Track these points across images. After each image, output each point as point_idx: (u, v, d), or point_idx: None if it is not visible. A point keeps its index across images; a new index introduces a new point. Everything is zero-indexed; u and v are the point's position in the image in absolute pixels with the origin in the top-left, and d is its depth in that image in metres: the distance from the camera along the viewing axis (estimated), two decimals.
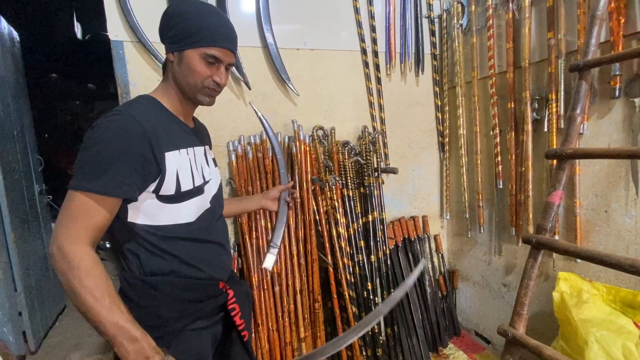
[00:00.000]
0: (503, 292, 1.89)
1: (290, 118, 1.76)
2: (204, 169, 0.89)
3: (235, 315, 0.93)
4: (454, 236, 2.22)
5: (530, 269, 0.95)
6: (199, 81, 0.81)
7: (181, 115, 0.88)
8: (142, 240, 0.80)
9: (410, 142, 2.08)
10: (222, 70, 0.83)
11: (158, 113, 0.82)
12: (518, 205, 1.67)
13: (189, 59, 0.80)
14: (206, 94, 0.84)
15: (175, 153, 0.80)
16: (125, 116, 0.74)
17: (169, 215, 0.81)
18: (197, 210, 0.86)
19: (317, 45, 1.82)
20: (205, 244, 0.88)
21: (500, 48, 1.70)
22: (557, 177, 0.96)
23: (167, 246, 0.81)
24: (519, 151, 1.64)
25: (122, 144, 0.71)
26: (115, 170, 0.70)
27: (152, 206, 0.79)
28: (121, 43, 1.54)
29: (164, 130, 0.79)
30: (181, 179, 0.80)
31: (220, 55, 0.81)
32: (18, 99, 2.02)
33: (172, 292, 0.82)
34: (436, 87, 2.06)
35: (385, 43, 1.92)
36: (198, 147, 0.90)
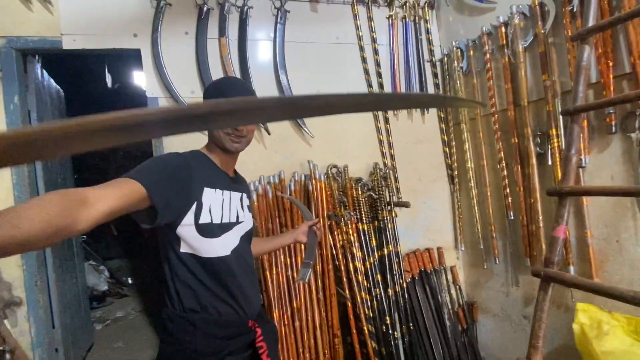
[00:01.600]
0: (524, 324, 1.87)
1: (306, 158, 1.90)
2: (238, 211, 1.03)
3: (263, 354, 0.99)
4: (470, 267, 2.23)
5: (541, 301, 0.99)
6: (221, 132, 0.98)
7: (222, 165, 1.04)
8: (184, 270, 0.92)
9: (420, 176, 2.17)
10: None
11: (204, 161, 1.00)
12: (530, 236, 1.71)
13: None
14: (230, 141, 0.99)
15: (211, 190, 0.95)
16: (178, 154, 0.96)
17: (206, 248, 0.92)
18: (229, 245, 0.98)
19: (329, 90, 1.98)
20: (236, 281, 0.97)
21: (499, 88, 1.82)
22: (560, 213, 1.03)
23: (203, 277, 0.92)
24: (527, 183, 1.70)
25: (170, 166, 0.87)
26: (156, 176, 0.80)
27: (193, 238, 0.91)
28: (156, 99, 1.75)
29: (206, 173, 0.96)
30: (213, 212, 0.94)
31: None
32: None
33: (206, 328, 0.92)
34: (442, 124, 2.18)
35: (391, 86, 2.08)
36: (235, 192, 1.04)
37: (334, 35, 2.02)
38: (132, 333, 2.61)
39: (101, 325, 2.84)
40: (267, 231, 1.78)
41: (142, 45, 1.74)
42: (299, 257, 1.77)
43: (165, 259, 0.94)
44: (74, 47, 1.67)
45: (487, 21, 1.83)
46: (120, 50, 1.74)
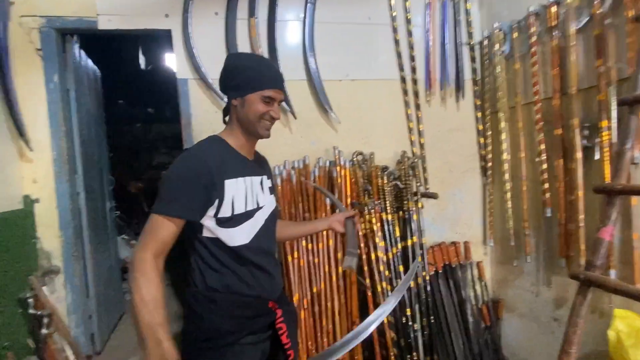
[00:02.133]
0: (553, 327, 1.78)
1: (332, 144, 1.86)
2: (258, 196, 1.02)
3: (282, 335, 1.01)
4: (498, 264, 2.14)
5: (579, 306, 0.93)
6: (258, 117, 0.97)
7: (243, 149, 1.02)
8: (207, 254, 0.94)
9: (451, 167, 2.08)
10: (276, 106, 1.00)
11: (222, 149, 0.98)
12: (568, 235, 1.60)
13: (250, 101, 0.96)
14: (264, 127, 0.99)
15: (233, 181, 0.94)
16: (193, 155, 0.95)
17: (225, 237, 0.93)
18: (249, 233, 0.97)
19: (358, 75, 1.92)
20: (257, 265, 0.98)
21: (545, 74, 1.68)
22: (607, 213, 0.94)
23: (225, 260, 0.94)
24: (568, 179, 1.58)
25: (188, 179, 0.89)
26: (182, 197, 0.87)
27: (213, 228, 0.93)
28: (186, 80, 1.76)
29: (226, 163, 0.95)
30: (235, 203, 0.94)
31: (275, 94, 0.98)
32: (98, 126, 2.35)
33: (228, 307, 0.94)
34: (478, 112, 2.06)
35: (425, 70, 1.97)
36: (255, 177, 1.03)
37: (366, 15, 1.93)
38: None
39: None
40: (290, 216, 1.78)
41: (173, 26, 1.74)
42: (320, 243, 1.77)
43: (187, 240, 0.96)
44: (109, 27, 1.70)
45: (535, 0, 1.67)
46: (152, 30, 1.75)
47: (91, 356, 1.91)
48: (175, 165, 0.92)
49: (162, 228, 0.85)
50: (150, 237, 0.85)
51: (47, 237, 1.75)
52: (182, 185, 0.88)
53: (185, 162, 0.93)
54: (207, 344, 0.93)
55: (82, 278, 1.86)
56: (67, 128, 1.80)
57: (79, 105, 1.91)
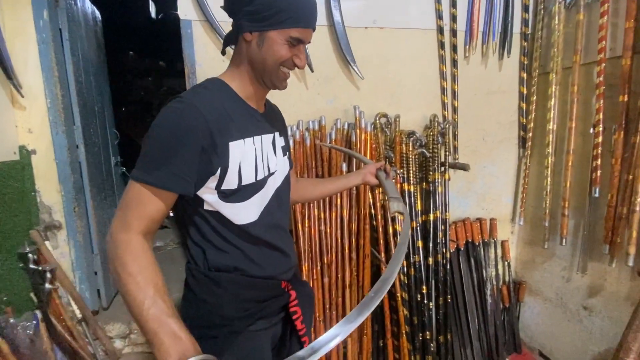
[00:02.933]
0: (582, 315, 1.64)
1: (352, 103, 1.65)
2: (270, 159, 0.82)
3: (297, 320, 0.87)
4: (525, 244, 1.97)
5: None
6: (278, 62, 0.74)
7: (252, 99, 0.80)
8: (209, 230, 0.77)
9: (485, 135, 1.84)
10: (302, 51, 0.76)
11: (225, 98, 0.75)
12: (617, 220, 1.40)
13: (272, 41, 0.72)
14: (283, 77, 0.77)
15: (239, 143, 0.73)
16: (186, 105, 0.69)
17: (229, 213, 0.76)
18: (258, 207, 0.80)
19: (388, 23, 1.65)
20: (267, 243, 0.82)
21: (615, 27, 1.39)
22: None
23: (231, 237, 0.78)
24: (628, 155, 1.35)
25: (180, 136, 0.66)
26: (172, 163, 0.66)
27: (214, 202, 0.74)
28: (190, 22, 1.54)
29: (230, 118, 0.73)
30: (243, 171, 0.74)
31: (305, 35, 0.74)
32: (99, 76, 2.17)
33: (235, 290, 0.79)
34: (523, 72, 1.78)
35: (467, 20, 1.68)
36: (266, 135, 0.82)
37: None
38: (170, 263, 2.73)
39: None
40: None
41: None
42: (333, 212, 1.62)
43: (185, 214, 0.78)
44: None
45: None
46: None
47: (97, 311, 1.91)
48: (162, 117, 0.68)
49: (147, 202, 0.66)
50: (133, 212, 0.66)
51: (46, 190, 1.67)
52: (171, 147, 0.66)
53: (175, 115, 0.68)
54: (209, 331, 0.77)
55: (85, 234, 1.80)
56: (61, 74, 1.64)
57: (73, 48, 1.72)
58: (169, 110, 0.69)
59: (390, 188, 1.00)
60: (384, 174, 1.09)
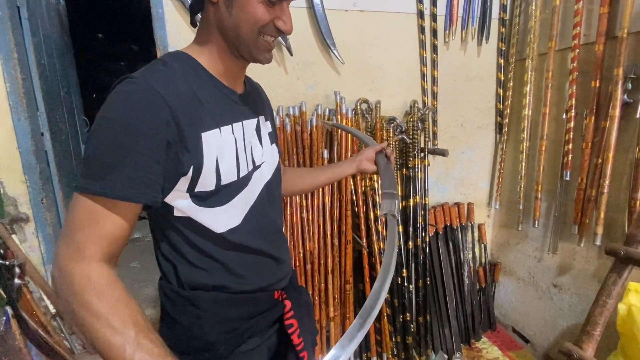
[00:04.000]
0: (552, 292, 1.73)
1: (333, 89, 1.63)
2: (254, 149, 0.68)
3: (293, 334, 0.73)
4: (500, 227, 2.04)
5: (611, 285, 0.81)
6: (257, 28, 0.58)
7: (227, 77, 0.64)
8: (181, 242, 0.63)
9: (464, 121, 1.87)
10: (285, 10, 0.60)
11: (191, 77, 0.59)
12: (587, 201, 1.46)
13: (244, 0, 0.57)
14: (265, 48, 0.61)
15: (214, 132, 0.59)
16: (141, 87, 0.52)
17: (206, 220, 0.62)
18: (242, 209, 0.66)
19: (368, 6, 1.62)
20: (254, 250, 0.69)
21: (590, 13, 1.42)
22: None
23: (209, 248, 0.64)
24: (598, 139, 1.40)
25: (136, 129, 0.51)
26: (128, 164, 0.50)
27: (187, 208, 0.60)
28: (160, 1, 1.45)
29: (199, 102, 0.58)
30: (222, 168, 0.60)
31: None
32: (64, 59, 2.04)
33: (216, 310, 0.66)
34: (501, 59, 1.80)
35: (447, 4, 1.67)
36: (248, 121, 0.68)
37: None
38: (148, 255, 2.68)
39: None
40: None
41: None
42: (315, 199, 1.61)
43: (151, 222, 0.65)
44: None
45: None
46: None
47: None
48: (110, 106, 0.52)
49: (102, 219, 0.50)
50: (85, 234, 0.50)
51: (10, 181, 1.57)
52: (125, 144, 0.50)
53: (127, 102, 0.52)
54: (189, 358, 0.66)
55: (55, 227, 1.72)
56: (21, 55, 1.52)
57: (34, 29, 1.60)
58: (118, 96, 0.52)
59: (388, 179, 0.86)
60: (385, 158, 0.94)
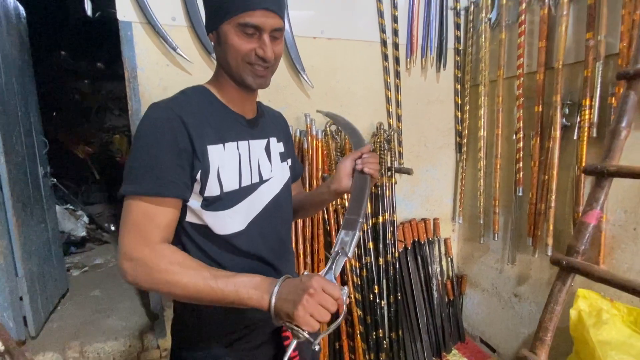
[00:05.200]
0: (514, 302, 1.83)
1: (304, 111, 1.68)
2: (261, 165, 0.77)
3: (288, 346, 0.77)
4: (465, 241, 2.15)
5: (557, 292, 0.88)
6: (240, 58, 0.69)
7: (235, 104, 0.76)
8: (191, 245, 0.72)
9: (427, 142, 1.99)
10: (264, 40, 0.68)
11: (204, 103, 0.73)
12: (537, 215, 1.59)
13: (224, 34, 0.68)
14: (251, 73, 0.70)
15: (218, 147, 0.70)
16: (162, 109, 0.67)
17: (211, 223, 0.71)
18: (245, 216, 0.74)
19: (335, 34, 1.71)
20: (256, 256, 0.76)
21: (531, 46, 1.59)
22: (595, 196, 0.88)
23: (217, 254, 0.72)
24: (544, 158, 1.55)
25: (160, 139, 0.65)
26: (161, 167, 0.64)
27: (197, 210, 0.70)
28: (130, 24, 1.46)
29: (207, 121, 0.70)
30: (223, 177, 0.70)
31: (259, 20, 0.66)
32: (23, 77, 1.96)
33: (218, 314, 0.73)
34: (457, 84, 1.96)
35: (407, 35, 1.81)
36: (257, 140, 0.77)
37: None
38: (111, 281, 2.52)
39: (78, 271, 2.74)
40: None
41: None
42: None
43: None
44: None
45: None
46: None
47: (24, 341, 1.70)
48: (140, 126, 0.66)
49: (157, 213, 0.63)
50: (146, 227, 0.63)
51: None
52: (161, 152, 0.64)
53: (152, 121, 0.66)
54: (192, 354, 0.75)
55: (7, 256, 1.60)
56: None
57: None
58: (146, 119, 0.67)
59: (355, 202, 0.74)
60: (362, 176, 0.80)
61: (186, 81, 1.54)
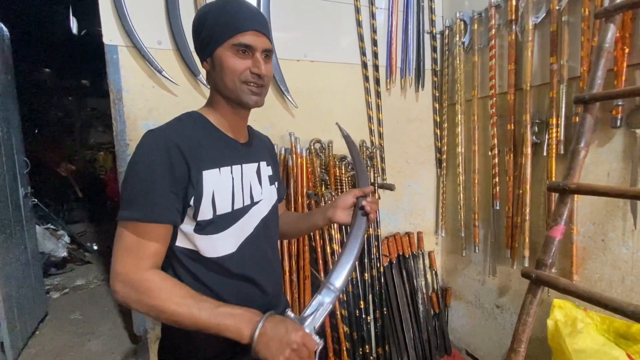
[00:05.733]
0: (496, 313, 1.88)
1: (288, 130, 1.73)
2: (253, 188, 0.80)
3: None
4: (448, 254, 2.20)
5: (528, 305, 0.93)
6: (237, 77, 0.73)
7: (229, 129, 0.80)
8: (180, 268, 0.75)
9: (408, 158, 2.05)
10: (257, 58, 0.73)
11: (199, 129, 0.75)
12: (514, 228, 1.66)
13: (219, 58, 0.73)
14: (248, 92, 0.74)
15: (214, 172, 0.73)
16: (158, 136, 0.70)
17: (202, 246, 0.73)
18: (237, 238, 0.77)
19: (318, 57, 1.79)
20: (245, 277, 0.78)
21: (501, 68, 1.69)
22: (559, 211, 0.94)
23: (205, 276, 0.75)
24: (517, 173, 1.63)
25: (155, 166, 0.67)
26: (154, 193, 0.67)
27: (190, 235, 0.73)
28: (115, 48, 1.49)
29: (203, 147, 0.73)
30: (217, 200, 0.73)
31: (251, 40, 0.72)
32: (5, 98, 1.95)
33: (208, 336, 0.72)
34: (436, 103, 2.05)
35: (387, 57, 1.90)
36: (249, 164, 0.81)
37: None
38: (92, 303, 2.45)
39: (58, 293, 2.66)
40: None
41: None
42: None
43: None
44: None
45: None
46: None
47: None
48: (136, 153, 0.69)
49: (147, 240, 0.67)
50: (139, 253, 0.66)
51: None
52: (155, 178, 0.67)
53: (148, 148, 0.69)
54: None
55: None
56: None
57: None
58: (141, 145, 0.70)
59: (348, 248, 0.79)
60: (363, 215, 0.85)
61: (172, 103, 1.58)
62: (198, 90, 1.60)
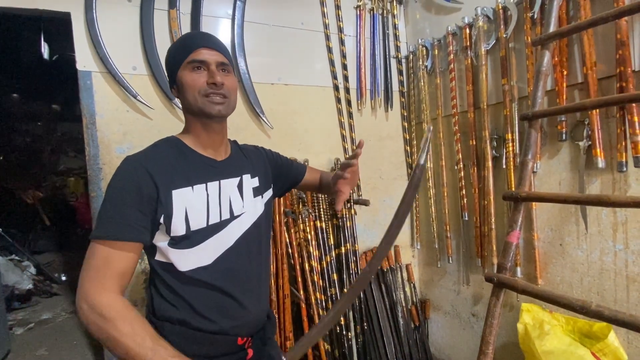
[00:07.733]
0: (472, 322, 1.93)
1: None
2: (233, 202, 0.83)
3: None
4: (424, 266, 2.26)
5: (493, 307, 0.98)
6: (196, 92, 0.79)
7: (206, 149, 0.84)
8: (158, 279, 0.79)
9: (382, 174, 2.14)
10: (213, 70, 0.80)
11: (173, 152, 0.81)
12: (482, 237, 1.75)
13: (180, 79, 0.81)
14: (208, 103, 0.79)
15: (185, 190, 0.77)
16: (129, 161, 0.76)
17: (179, 261, 0.77)
18: (214, 251, 0.80)
19: (291, 80, 1.87)
20: (221, 290, 0.80)
21: (461, 89, 1.83)
22: (514, 218, 1.03)
23: (180, 288, 0.78)
24: (482, 185, 1.73)
25: (124, 189, 0.73)
26: (124, 214, 0.71)
27: (165, 249, 0.77)
28: (89, 73, 1.51)
29: (174, 168, 0.78)
30: (190, 217, 0.76)
31: (203, 56, 0.80)
32: None
33: (180, 341, 0.75)
34: (404, 122, 2.17)
35: (357, 80, 2.01)
36: (227, 180, 0.84)
37: (299, 20, 1.90)
38: (60, 338, 2.31)
39: (22, 329, 2.49)
40: None
41: (72, 8, 1.48)
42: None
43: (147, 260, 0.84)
44: None
45: (453, 21, 1.82)
46: (44, 12, 1.47)
47: None
48: (113, 176, 0.76)
49: (114, 259, 0.69)
50: (104, 272, 0.68)
51: None
52: (119, 201, 0.72)
53: (120, 172, 0.75)
54: None
55: None
56: None
57: None
58: (117, 170, 0.76)
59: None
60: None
61: (147, 126, 1.60)
62: (173, 114, 1.63)
